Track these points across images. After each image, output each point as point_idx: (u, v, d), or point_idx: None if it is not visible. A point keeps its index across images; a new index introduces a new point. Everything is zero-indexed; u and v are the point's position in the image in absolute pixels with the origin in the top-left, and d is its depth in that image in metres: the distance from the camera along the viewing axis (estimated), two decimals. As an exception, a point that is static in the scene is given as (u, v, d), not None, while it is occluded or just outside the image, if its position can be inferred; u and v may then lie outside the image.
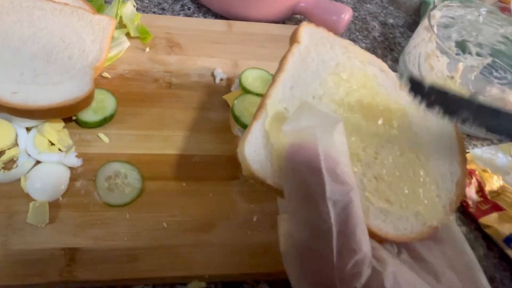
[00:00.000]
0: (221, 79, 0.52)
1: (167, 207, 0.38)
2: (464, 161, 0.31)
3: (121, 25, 0.53)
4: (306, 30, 0.34)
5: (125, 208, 0.37)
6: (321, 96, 0.31)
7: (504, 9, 0.81)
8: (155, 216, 0.37)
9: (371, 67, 0.34)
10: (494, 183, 0.48)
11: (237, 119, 0.43)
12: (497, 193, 0.48)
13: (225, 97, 0.48)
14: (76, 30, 0.44)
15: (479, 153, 0.53)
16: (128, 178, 0.38)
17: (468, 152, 0.53)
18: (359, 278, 0.21)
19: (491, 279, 0.42)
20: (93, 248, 0.34)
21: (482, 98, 0.51)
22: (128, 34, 0.53)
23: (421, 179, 0.29)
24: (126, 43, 0.51)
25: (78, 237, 0.34)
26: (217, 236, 0.37)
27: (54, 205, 0.35)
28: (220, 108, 0.48)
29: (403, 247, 0.28)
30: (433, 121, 0.32)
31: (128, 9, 0.54)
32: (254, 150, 0.27)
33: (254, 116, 0.29)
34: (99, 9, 0.52)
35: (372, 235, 0.26)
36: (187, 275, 0.34)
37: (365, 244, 0.22)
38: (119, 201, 0.37)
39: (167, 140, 0.43)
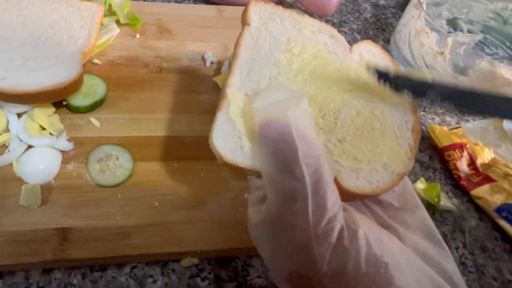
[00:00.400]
0: (211, 63, 0.51)
1: (158, 187, 0.38)
2: (415, 109, 0.32)
3: (110, 12, 0.53)
4: (255, 10, 0.34)
5: (117, 189, 0.37)
6: (276, 76, 0.31)
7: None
8: (147, 195, 0.37)
9: (321, 35, 0.35)
10: (485, 155, 0.48)
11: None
12: (489, 165, 0.48)
13: (215, 79, 0.48)
14: (65, 17, 0.44)
15: (470, 127, 0.52)
16: (119, 160, 0.38)
17: (460, 127, 0.53)
18: (332, 233, 0.22)
19: (483, 249, 0.42)
20: (85, 227, 0.34)
21: (471, 72, 0.51)
22: (118, 22, 0.53)
23: (380, 132, 0.30)
24: (116, 30, 0.51)
25: (70, 217, 0.34)
26: (208, 213, 0.37)
27: (46, 188, 0.35)
28: (211, 90, 0.48)
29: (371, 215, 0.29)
30: None
31: (117, -3, 0.54)
32: (223, 139, 0.28)
33: (218, 107, 0.30)
34: (88, -3, 0.52)
35: (350, 195, 0.28)
36: (180, 251, 0.34)
37: (336, 203, 0.23)
38: (110, 182, 0.37)
39: (158, 122, 0.43)
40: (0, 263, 0.31)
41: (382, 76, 0.30)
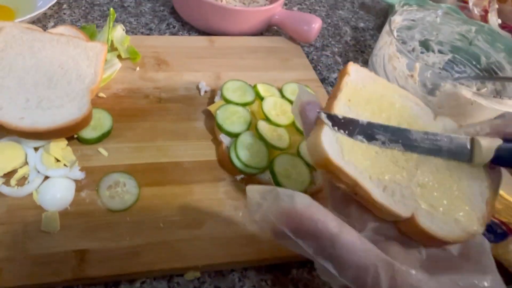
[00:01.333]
0: (205, 91, 0.56)
1: (162, 209, 0.42)
2: (493, 187, 0.32)
3: (112, 48, 0.57)
4: (353, 68, 0.35)
5: (126, 213, 0.40)
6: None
7: (463, 8, 0.85)
8: (152, 217, 0.41)
9: (408, 101, 0.35)
10: None
11: (220, 127, 0.47)
12: None
13: (209, 108, 0.51)
14: (73, 57, 0.48)
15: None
16: (126, 186, 0.42)
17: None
18: None
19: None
20: (100, 249, 0.37)
21: (438, 93, 0.56)
22: (119, 56, 0.57)
23: (456, 193, 0.31)
24: (118, 65, 0.55)
25: (86, 240, 0.38)
26: (208, 231, 0.41)
27: (63, 214, 0.39)
28: (205, 118, 0.52)
29: None
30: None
31: (118, 33, 0.58)
32: (329, 142, 0.29)
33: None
34: (92, 36, 0.56)
35: (425, 235, 0.29)
36: (183, 266, 0.38)
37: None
38: (120, 207, 0.41)
39: (160, 149, 0.47)
40: (26, 283, 0.34)
41: (333, 120, 0.30)
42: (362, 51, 0.76)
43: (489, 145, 0.30)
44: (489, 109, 0.54)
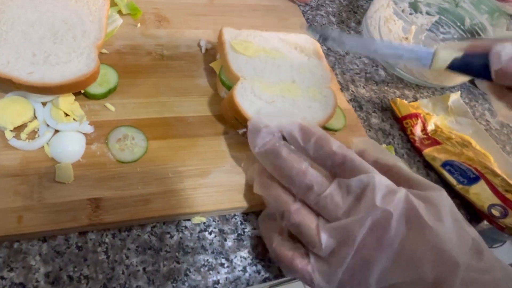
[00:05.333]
0: (206, 49, 0.53)
1: (170, 160, 0.41)
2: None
3: (112, 3, 0.53)
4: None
5: (136, 164, 0.40)
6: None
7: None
8: (161, 168, 0.40)
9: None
10: (433, 123, 0.53)
11: (224, 83, 0.45)
12: (435, 131, 0.52)
13: (212, 64, 0.49)
14: (76, 12, 0.45)
15: (425, 102, 0.56)
16: (135, 139, 0.41)
17: (417, 100, 0.57)
18: None
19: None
20: (113, 197, 0.37)
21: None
22: (120, 12, 0.53)
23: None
24: (119, 20, 0.52)
25: (99, 189, 0.37)
26: (212, 180, 0.40)
27: (76, 165, 0.38)
28: (208, 75, 0.50)
29: None
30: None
31: (118, -12, 0.54)
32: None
33: None
34: (91, -10, 0.52)
35: None
36: (191, 211, 0.38)
37: None
38: (129, 159, 0.40)
39: (164, 105, 0.45)
40: (46, 229, 0.34)
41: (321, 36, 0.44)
42: (355, 12, 0.73)
43: (446, 54, 0.37)
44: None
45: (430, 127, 0.52)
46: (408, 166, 0.49)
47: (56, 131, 0.40)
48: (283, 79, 0.45)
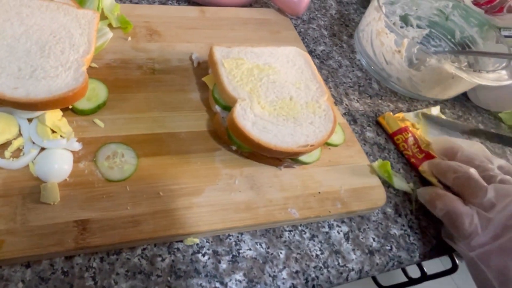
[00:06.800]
0: (198, 63, 0.52)
1: (161, 178, 0.39)
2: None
3: (102, 16, 0.52)
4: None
5: (125, 182, 0.38)
6: None
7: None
8: (152, 186, 0.38)
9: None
10: (423, 136, 0.52)
11: (217, 101, 0.44)
12: (427, 144, 0.51)
13: (204, 79, 0.48)
14: (64, 25, 0.43)
15: (411, 115, 0.56)
16: (125, 157, 0.39)
17: (402, 112, 0.56)
18: None
19: (425, 214, 0.46)
20: (101, 218, 0.35)
21: (422, 68, 0.54)
22: (110, 25, 0.52)
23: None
24: (110, 34, 0.50)
25: (87, 210, 0.35)
26: (206, 199, 0.39)
27: (62, 185, 0.36)
28: (200, 89, 0.49)
29: None
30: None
31: (108, 1, 0.52)
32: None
33: None
34: (81, 3, 0.50)
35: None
36: (183, 233, 0.36)
37: None
38: (119, 177, 0.38)
39: (155, 121, 0.44)
40: (29, 254, 0.32)
41: None
42: (346, 25, 0.73)
43: None
44: (467, 82, 0.53)
45: (421, 140, 0.51)
46: (405, 181, 0.48)
47: (42, 148, 0.38)
48: (280, 97, 0.43)
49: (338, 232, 0.41)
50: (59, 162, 0.37)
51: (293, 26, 0.64)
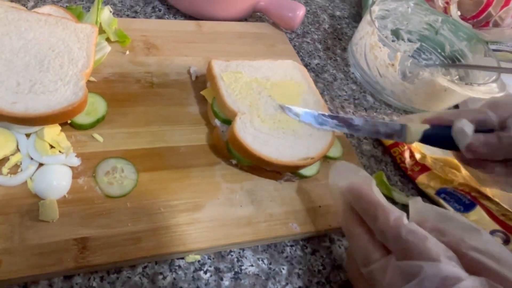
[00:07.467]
0: (196, 76, 0.51)
1: (161, 194, 0.38)
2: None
3: (100, 30, 0.51)
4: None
5: (125, 198, 0.37)
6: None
7: (428, 0, 0.84)
8: (152, 202, 0.37)
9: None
10: (418, 149, 0.52)
11: (216, 115, 0.43)
12: (423, 156, 0.51)
13: (203, 92, 0.48)
14: (63, 39, 0.42)
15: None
16: (124, 172, 0.38)
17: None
18: None
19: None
20: (101, 236, 0.34)
21: (416, 81, 0.55)
22: (108, 39, 0.51)
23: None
24: (108, 48, 0.50)
25: (86, 228, 0.34)
26: (207, 214, 0.38)
27: (61, 202, 0.35)
28: (199, 103, 0.48)
29: None
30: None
31: (105, 15, 0.52)
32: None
33: None
34: (78, 17, 0.50)
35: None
36: (185, 250, 0.35)
37: None
38: (119, 193, 0.37)
39: (155, 135, 0.43)
40: (28, 274, 0.31)
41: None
42: (339, 39, 0.74)
43: (416, 128, 0.37)
44: (459, 95, 0.54)
45: (418, 154, 0.51)
46: (404, 195, 0.48)
47: (41, 164, 0.37)
48: (279, 110, 0.44)
49: (339, 246, 0.41)
50: (57, 178, 0.36)
51: (288, 40, 0.65)
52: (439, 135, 0.37)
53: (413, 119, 0.39)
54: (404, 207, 0.47)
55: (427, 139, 0.37)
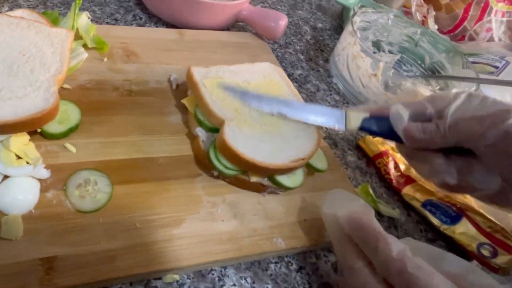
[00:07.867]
0: (177, 85, 0.49)
1: (138, 208, 0.36)
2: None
3: (77, 36, 0.49)
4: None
5: (98, 213, 0.34)
6: None
7: (407, 13, 0.85)
8: (128, 217, 0.35)
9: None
10: (403, 159, 0.51)
11: (201, 123, 0.42)
12: (408, 167, 0.50)
13: (184, 101, 0.45)
14: (35, 43, 0.40)
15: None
16: (98, 185, 0.36)
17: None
18: None
19: (414, 236, 0.45)
20: (70, 255, 0.31)
21: (398, 91, 0.54)
22: (85, 45, 0.49)
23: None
24: (84, 54, 0.47)
25: (54, 246, 0.31)
26: (187, 230, 0.36)
27: (27, 218, 0.32)
28: (179, 112, 0.46)
29: None
30: None
31: (83, 21, 0.49)
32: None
33: None
34: (54, 22, 0.47)
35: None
36: (162, 269, 0.33)
37: None
38: (91, 207, 0.34)
39: (133, 145, 0.41)
40: (-15, 299, 0.28)
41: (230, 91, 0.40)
42: (322, 50, 0.73)
43: (355, 115, 0.36)
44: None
45: (402, 165, 0.50)
46: (390, 207, 0.47)
47: (5, 176, 0.34)
48: (264, 113, 0.42)
49: (325, 262, 0.39)
50: (23, 192, 0.33)
51: (271, 50, 0.64)
52: (379, 123, 0.36)
53: (355, 109, 0.38)
54: (390, 220, 0.46)
55: (368, 127, 0.36)
